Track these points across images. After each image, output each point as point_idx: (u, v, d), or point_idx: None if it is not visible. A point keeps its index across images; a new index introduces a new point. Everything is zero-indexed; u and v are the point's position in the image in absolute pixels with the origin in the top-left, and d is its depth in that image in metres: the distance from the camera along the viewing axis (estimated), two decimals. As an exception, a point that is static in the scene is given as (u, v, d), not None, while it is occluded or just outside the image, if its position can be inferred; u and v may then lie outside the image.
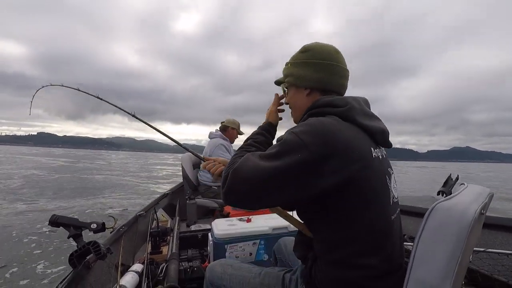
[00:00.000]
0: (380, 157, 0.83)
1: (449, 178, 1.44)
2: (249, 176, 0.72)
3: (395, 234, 0.82)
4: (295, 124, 0.97)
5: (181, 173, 3.39)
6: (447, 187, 1.38)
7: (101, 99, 1.62)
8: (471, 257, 0.93)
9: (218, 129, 3.43)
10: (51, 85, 1.68)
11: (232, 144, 3.42)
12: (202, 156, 1.33)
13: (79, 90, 1.66)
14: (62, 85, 1.67)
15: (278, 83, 1.08)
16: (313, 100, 0.91)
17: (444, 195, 1.35)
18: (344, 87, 0.95)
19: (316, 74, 0.91)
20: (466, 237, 0.58)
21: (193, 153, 1.50)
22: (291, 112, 1.04)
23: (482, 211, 0.65)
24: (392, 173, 0.88)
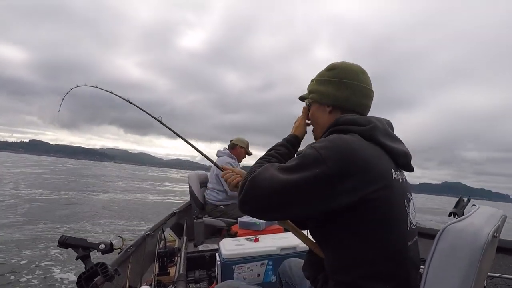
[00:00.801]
0: (400, 180, 0.81)
1: (461, 199, 1.40)
2: (266, 186, 0.73)
3: (411, 261, 0.79)
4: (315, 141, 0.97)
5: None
6: (459, 208, 1.34)
7: (131, 103, 1.68)
8: (485, 282, 0.90)
9: (227, 147, 3.46)
10: (85, 85, 1.72)
11: (239, 164, 3.42)
12: (220, 166, 1.34)
13: (111, 92, 1.71)
14: (97, 87, 1.72)
15: (302, 98, 1.09)
16: (335, 117, 0.91)
17: (456, 216, 1.32)
18: (367, 108, 0.95)
19: (340, 92, 0.92)
20: (479, 261, 0.57)
21: (213, 163, 1.54)
22: (313, 129, 1.05)
23: (495, 234, 0.64)
24: (411, 198, 0.85)
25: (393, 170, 0.79)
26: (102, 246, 1.35)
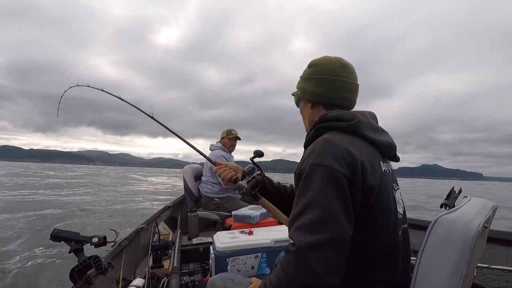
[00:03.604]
0: (388, 171, 0.83)
1: (452, 190, 1.42)
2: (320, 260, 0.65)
3: (401, 250, 0.81)
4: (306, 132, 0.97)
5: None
6: (450, 200, 1.37)
7: (122, 99, 1.71)
8: (475, 272, 0.92)
9: (219, 141, 3.46)
10: (78, 85, 1.77)
11: (231, 154, 3.44)
12: (214, 161, 1.37)
13: (103, 90, 1.74)
14: (88, 86, 1.76)
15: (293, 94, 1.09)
16: (318, 113, 0.93)
17: (447, 208, 1.34)
18: (350, 101, 0.94)
19: (317, 88, 0.92)
20: (470, 251, 0.58)
21: (206, 157, 1.55)
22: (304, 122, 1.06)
23: (486, 224, 0.64)
24: (398, 188, 0.87)
25: (381, 163, 0.81)
26: (95, 240, 1.35)
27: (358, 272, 0.76)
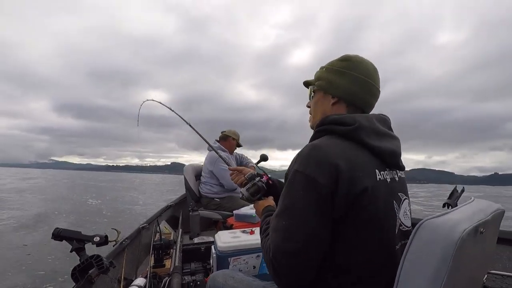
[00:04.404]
0: (389, 179, 0.79)
1: (455, 190, 1.41)
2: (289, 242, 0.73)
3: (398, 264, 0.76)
4: (311, 128, 0.97)
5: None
6: (453, 199, 1.35)
7: (189, 124, 2.03)
8: (485, 278, 0.89)
9: (218, 139, 3.40)
10: (153, 100, 2.12)
11: (231, 155, 3.38)
12: (227, 167, 1.47)
13: (170, 109, 2.05)
14: (160, 103, 2.11)
15: (307, 84, 1.04)
16: (338, 110, 0.90)
17: (450, 207, 1.33)
18: (370, 106, 0.92)
19: (349, 85, 0.88)
20: (452, 256, 0.56)
21: (223, 159, 1.77)
22: (310, 117, 1.01)
23: (482, 229, 0.63)
24: (405, 198, 0.84)
25: (377, 171, 0.77)
26: (96, 239, 1.35)
27: (341, 283, 0.74)
